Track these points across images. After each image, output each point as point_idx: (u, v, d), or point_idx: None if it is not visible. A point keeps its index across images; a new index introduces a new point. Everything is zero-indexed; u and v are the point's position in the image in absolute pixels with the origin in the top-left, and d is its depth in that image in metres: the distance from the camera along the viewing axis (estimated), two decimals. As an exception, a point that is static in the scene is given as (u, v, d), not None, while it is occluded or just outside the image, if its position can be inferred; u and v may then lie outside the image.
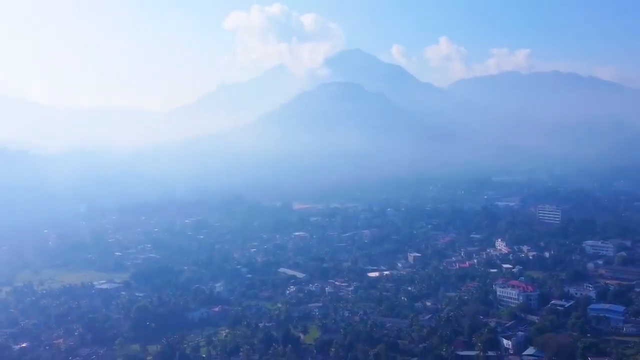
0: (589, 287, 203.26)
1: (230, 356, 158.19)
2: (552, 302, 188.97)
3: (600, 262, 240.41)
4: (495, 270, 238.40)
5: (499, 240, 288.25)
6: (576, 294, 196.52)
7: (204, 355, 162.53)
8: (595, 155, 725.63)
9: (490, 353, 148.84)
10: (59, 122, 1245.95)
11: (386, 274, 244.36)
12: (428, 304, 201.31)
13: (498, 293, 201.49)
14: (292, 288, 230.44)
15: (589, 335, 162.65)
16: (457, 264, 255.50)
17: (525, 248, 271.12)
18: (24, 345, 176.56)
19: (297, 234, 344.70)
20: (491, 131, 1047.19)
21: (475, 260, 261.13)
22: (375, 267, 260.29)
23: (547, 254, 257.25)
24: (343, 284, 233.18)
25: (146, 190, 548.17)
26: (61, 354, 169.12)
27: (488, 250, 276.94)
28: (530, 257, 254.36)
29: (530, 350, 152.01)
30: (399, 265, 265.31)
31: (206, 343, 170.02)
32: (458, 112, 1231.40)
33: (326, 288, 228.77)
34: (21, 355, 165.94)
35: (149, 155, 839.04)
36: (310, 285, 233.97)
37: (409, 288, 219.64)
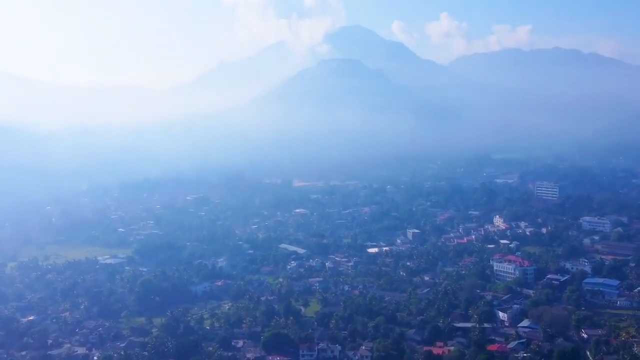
0: (585, 262, 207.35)
1: (234, 328, 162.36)
2: (548, 276, 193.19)
3: (596, 237, 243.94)
4: (492, 245, 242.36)
5: (497, 216, 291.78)
6: (572, 268, 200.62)
7: (208, 327, 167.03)
8: (595, 133, 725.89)
9: (486, 325, 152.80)
10: (58, 99, 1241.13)
11: (385, 250, 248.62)
12: (426, 278, 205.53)
13: (495, 268, 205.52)
14: (293, 263, 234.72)
15: (583, 308, 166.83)
16: (455, 240, 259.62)
17: (522, 224, 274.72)
18: (31, 318, 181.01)
19: (297, 211, 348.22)
20: (492, 108, 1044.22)
21: (473, 236, 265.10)
22: (374, 243, 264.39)
23: (544, 230, 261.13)
24: (343, 260, 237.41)
25: (147, 168, 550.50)
26: (68, 327, 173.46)
27: (486, 227, 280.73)
28: (528, 233, 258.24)
29: (525, 323, 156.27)
30: (398, 241, 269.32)
31: (210, 316, 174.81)
32: (459, 90, 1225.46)
33: (326, 263, 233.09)
34: (29, 327, 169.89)
35: (149, 133, 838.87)
36: (311, 260, 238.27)
37: (408, 263, 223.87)
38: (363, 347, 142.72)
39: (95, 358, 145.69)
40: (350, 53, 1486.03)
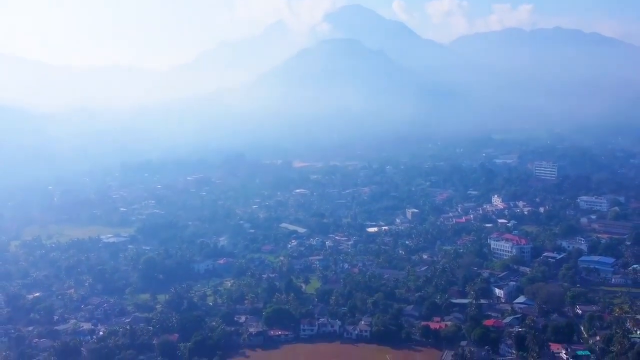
0: (581, 240, 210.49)
1: (236, 304, 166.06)
2: (544, 254, 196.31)
3: (593, 216, 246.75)
4: (490, 225, 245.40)
5: (496, 196, 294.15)
6: (568, 247, 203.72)
7: (211, 304, 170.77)
8: (596, 113, 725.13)
9: (482, 301, 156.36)
10: (57, 79, 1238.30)
11: (385, 229, 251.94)
12: (424, 256, 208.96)
13: (492, 246, 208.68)
14: (294, 242, 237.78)
15: (578, 285, 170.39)
16: (454, 219, 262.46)
17: (520, 203, 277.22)
18: (36, 294, 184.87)
19: (297, 191, 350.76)
20: (492, 89, 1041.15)
21: (471, 216, 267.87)
22: (374, 223, 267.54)
23: (541, 209, 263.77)
24: (343, 239, 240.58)
25: (147, 148, 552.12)
26: (73, 303, 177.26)
27: (484, 206, 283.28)
28: (526, 212, 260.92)
29: (521, 299, 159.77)
30: (397, 220, 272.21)
31: (212, 292, 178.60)
32: (459, 70, 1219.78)
33: (326, 242, 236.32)
34: (35, 303, 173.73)
35: (149, 114, 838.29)
36: (311, 239, 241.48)
37: (407, 242, 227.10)
38: (362, 322, 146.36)
39: (101, 333, 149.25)
40: (350, 33, 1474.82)
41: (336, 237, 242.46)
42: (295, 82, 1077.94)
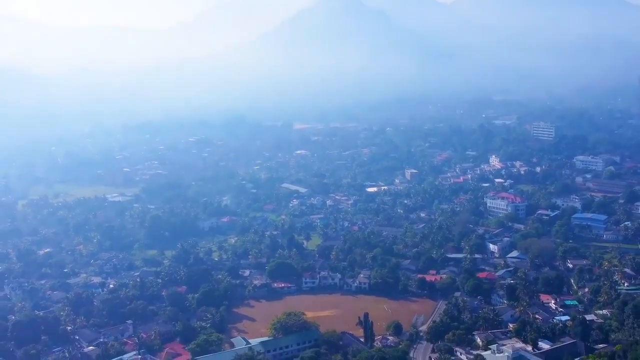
0: (575, 198, 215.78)
1: (240, 259, 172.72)
2: (539, 212, 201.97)
3: (588, 176, 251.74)
4: (487, 184, 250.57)
5: (493, 156, 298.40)
6: (562, 205, 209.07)
7: (216, 259, 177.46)
8: (596, 74, 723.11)
9: (477, 256, 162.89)
10: (56, 40, 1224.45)
11: (384, 189, 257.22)
12: (422, 215, 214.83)
13: (488, 204, 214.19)
14: (295, 201, 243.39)
15: (571, 241, 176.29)
16: (452, 179, 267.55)
17: (518, 163, 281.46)
18: (47, 250, 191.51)
19: (298, 152, 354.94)
20: (493, 50, 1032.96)
21: (469, 176, 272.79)
22: (373, 183, 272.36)
23: (538, 169, 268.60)
24: (343, 198, 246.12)
25: (148, 110, 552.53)
26: (83, 258, 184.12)
27: (482, 166, 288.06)
28: (522, 172, 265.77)
29: (514, 253, 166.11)
30: (397, 181, 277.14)
31: (217, 248, 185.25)
32: (460, 30, 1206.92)
33: (327, 202, 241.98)
34: (46, 259, 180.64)
35: (149, 75, 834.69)
36: (312, 199, 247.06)
37: (405, 201, 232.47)
38: (361, 275, 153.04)
39: (111, 286, 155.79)
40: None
41: (336, 197, 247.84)
42: (294, 43, 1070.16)
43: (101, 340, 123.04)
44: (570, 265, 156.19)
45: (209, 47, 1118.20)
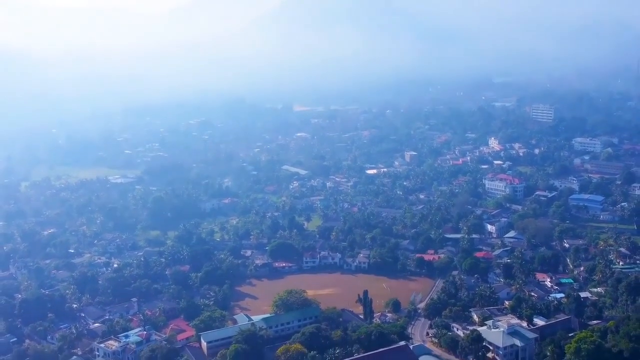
0: (573, 180, 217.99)
1: (242, 240, 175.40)
2: (537, 193, 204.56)
3: (586, 157, 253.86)
4: (486, 166, 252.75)
5: (492, 138, 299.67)
6: (560, 186, 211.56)
7: (218, 239, 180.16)
8: (596, 57, 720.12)
9: (475, 236, 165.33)
10: (55, 22, 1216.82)
11: (383, 171, 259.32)
12: (421, 196, 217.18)
13: (487, 186, 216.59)
14: (296, 183, 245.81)
15: (567, 221, 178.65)
16: (451, 161, 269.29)
17: (516, 145, 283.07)
18: (51, 231, 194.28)
19: (298, 134, 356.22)
20: (493, 32, 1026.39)
21: (468, 158, 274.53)
22: (373, 165, 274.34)
23: (537, 151, 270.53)
24: (343, 180, 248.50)
25: (148, 93, 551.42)
26: (87, 239, 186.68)
27: (481, 148, 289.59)
28: (521, 154, 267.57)
29: (511, 233, 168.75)
30: (396, 163, 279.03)
31: (220, 229, 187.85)
32: (460, 12, 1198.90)
33: (327, 183, 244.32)
34: (50, 239, 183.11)
35: (149, 58, 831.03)
36: (312, 181, 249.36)
37: (405, 183, 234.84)
38: (361, 254, 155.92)
39: (115, 265, 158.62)
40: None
41: (336, 179, 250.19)
42: (292, 25, 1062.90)
43: (107, 317, 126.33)
44: (567, 245, 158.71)
45: (208, 30, 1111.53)
